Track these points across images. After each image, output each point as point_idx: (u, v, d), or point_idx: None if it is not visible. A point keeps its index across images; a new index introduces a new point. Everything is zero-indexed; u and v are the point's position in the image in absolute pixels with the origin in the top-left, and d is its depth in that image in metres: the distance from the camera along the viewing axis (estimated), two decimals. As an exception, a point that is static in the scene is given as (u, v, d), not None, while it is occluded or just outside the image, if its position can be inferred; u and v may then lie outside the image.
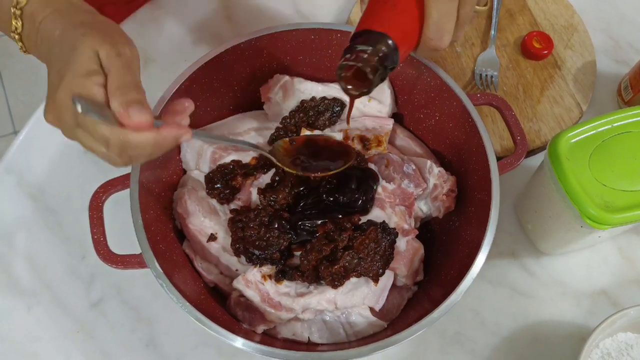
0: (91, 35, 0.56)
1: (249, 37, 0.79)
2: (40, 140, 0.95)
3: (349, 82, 0.65)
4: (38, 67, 0.63)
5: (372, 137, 0.80)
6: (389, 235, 0.73)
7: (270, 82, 0.84)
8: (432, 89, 0.80)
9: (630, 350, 0.76)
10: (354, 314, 0.73)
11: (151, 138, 0.56)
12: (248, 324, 0.71)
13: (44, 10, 0.61)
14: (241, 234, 0.72)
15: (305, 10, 1.05)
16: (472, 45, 0.99)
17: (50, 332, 0.83)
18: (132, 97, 0.54)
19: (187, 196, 0.77)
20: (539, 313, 0.83)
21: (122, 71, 0.56)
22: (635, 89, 0.91)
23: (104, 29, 0.58)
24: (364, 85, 0.64)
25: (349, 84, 0.65)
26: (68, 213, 0.90)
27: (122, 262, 0.69)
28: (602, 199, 0.69)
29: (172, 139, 0.58)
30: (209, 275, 0.75)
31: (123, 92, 0.54)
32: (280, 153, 0.75)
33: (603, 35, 1.03)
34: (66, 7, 0.61)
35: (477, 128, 0.75)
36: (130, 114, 0.53)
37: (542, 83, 0.95)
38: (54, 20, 0.60)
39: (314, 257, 0.70)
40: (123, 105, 0.54)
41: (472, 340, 0.82)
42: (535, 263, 0.86)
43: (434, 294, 0.72)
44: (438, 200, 0.78)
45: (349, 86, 0.65)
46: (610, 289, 0.85)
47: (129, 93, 0.55)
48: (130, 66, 0.57)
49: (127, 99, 0.54)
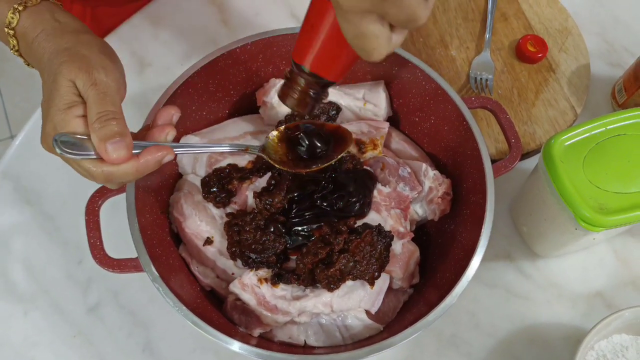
0: (68, 64, 0.58)
1: (244, 41, 0.79)
2: (37, 145, 0.93)
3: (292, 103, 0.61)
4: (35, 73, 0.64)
5: (368, 140, 0.80)
6: (384, 238, 0.73)
7: (266, 86, 0.85)
8: (427, 92, 0.80)
9: (625, 351, 0.76)
10: (350, 317, 0.73)
11: (132, 167, 0.58)
12: (244, 327, 0.71)
13: (33, 30, 0.62)
14: (237, 238, 0.72)
15: (301, 14, 1.05)
16: (467, 48, 0.99)
17: (47, 337, 0.83)
18: (109, 131, 0.56)
19: (184, 200, 0.77)
20: (534, 315, 0.84)
21: (98, 101, 0.57)
22: (629, 91, 0.91)
23: (83, 54, 0.59)
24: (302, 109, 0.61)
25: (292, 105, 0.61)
26: (64, 218, 0.90)
27: (119, 266, 0.69)
28: (596, 201, 0.70)
29: (154, 163, 0.60)
30: (205, 279, 0.75)
31: (101, 124, 0.56)
32: (272, 149, 0.73)
33: (597, 39, 1.04)
34: (52, 28, 0.63)
35: (472, 131, 0.75)
36: (108, 151, 0.56)
37: (536, 86, 0.96)
38: (42, 42, 0.62)
39: (310, 261, 0.70)
40: (102, 140, 0.56)
41: (468, 342, 0.82)
42: (531, 265, 0.87)
43: (430, 296, 0.72)
44: (433, 203, 0.79)
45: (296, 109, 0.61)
46: (606, 291, 0.85)
47: (106, 126, 0.56)
48: (106, 94, 0.58)
49: (104, 133, 0.56)
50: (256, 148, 0.72)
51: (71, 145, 0.56)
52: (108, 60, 0.61)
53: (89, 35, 0.63)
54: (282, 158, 0.72)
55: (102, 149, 0.56)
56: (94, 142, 0.56)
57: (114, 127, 0.56)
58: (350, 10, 0.44)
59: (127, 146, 0.56)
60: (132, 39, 1.02)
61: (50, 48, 0.61)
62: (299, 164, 0.72)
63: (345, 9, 0.44)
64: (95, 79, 0.57)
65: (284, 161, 0.72)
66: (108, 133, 0.56)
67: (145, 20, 1.04)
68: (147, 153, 0.59)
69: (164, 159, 0.60)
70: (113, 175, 0.58)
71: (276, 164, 0.71)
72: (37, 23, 0.63)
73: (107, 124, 0.56)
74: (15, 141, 0.95)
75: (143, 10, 1.05)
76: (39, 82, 0.63)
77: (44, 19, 0.63)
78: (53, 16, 0.63)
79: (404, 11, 0.43)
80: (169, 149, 0.60)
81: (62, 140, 0.56)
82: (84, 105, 0.57)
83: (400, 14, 0.44)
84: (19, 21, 0.63)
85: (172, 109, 0.65)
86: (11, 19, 0.63)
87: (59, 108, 0.57)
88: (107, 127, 0.56)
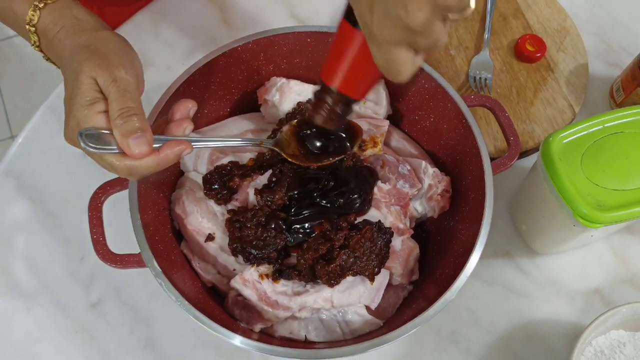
0: (89, 61, 0.60)
1: (245, 40, 0.80)
2: (39, 143, 0.96)
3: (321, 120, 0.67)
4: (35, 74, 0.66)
5: (368, 138, 0.81)
6: (384, 235, 0.73)
7: (266, 84, 0.85)
8: (427, 91, 0.81)
9: (622, 347, 0.76)
10: (350, 312, 0.74)
11: (153, 161, 0.60)
12: (245, 322, 0.72)
13: (53, 27, 0.64)
14: (238, 234, 0.73)
15: (301, 14, 1.07)
16: (466, 48, 1.00)
17: (50, 333, 0.84)
18: (130, 127, 0.58)
19: (185, 197, 0.78)
20: (533, 312, 0.84)
21: (119, 97, 0.59)
22: (626, 91, 0.92)
23: (102, 52, 0.61)
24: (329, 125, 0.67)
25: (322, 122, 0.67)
26: (67, 215, 0.91)
27: (121, 261, 0.70)
28: (594, 198, 0.70)
29: (174, 157, 0.62)
30: (206, 275, 0.76)
31: (122, 120, 0.58)
32: (285, 144, 0.75)
33: (595, 39, 1.04)
34: (72, 24, 0.65)
35: (471, 129, 0.76)
36: (130, 146, 0.58)
37: (535, 85, 0.97)
38: (63, 39, 0.64)
39: (311, 256, 0.71)
40: (124, 136, 0.58)
41: (468, 338, 0.83)
42: (530, 263, 0.87)
43: (429, 292, 0.73)
44: (433, 200, 0.79)
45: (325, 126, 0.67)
46: (604, 288, 0.86)
47: (128, 122, 0.58)
48: (127, 90, 0.60)
49: (126, 129, 0.58)
50: (269, 142, 0.75)
51: (95, 140, 0.58)
52: (126, 57, 0.63)
53: (107, 32, 0.65)
54: (294, 152, 0.75)
55: (125, 144, 0.58)
56: (116, 137, 0.58)
57: (135, 122, 0.58)
58: (384, 42, 0.49)
59: (148, 142, 0.59)
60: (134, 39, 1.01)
61: (70, 45, 0.63)
62: (310, 158, 0.75)
63: (380, 41, 0.50)
64: (116, 76, 0.59)
65: (296, 155, 0.75)
66: (130, 129, 0.58)
67: (146, 20, 1.05)
68: (167, 147, 0.61)
69: (183, 153, 0.62)
70: (135, 169, 0.60)
71: (289, 158, 0.74)
72: (57, 20, 0.64)
73: (129, 120, 0.58)
74: (18, 139, 0.96)
75: (145, 10, 1.06)
76: (39, 83, 0.64)
77: (63, 15, 0.65)
78: (72, 13, 0.65)
79: (431, 40, 0.48)
80: (187, 144, 0.63)
81: (86, 135, 0.58)
82: (105, 102, 0.59)
83: (428, 42, 0.49)
84: (39, 18, 0.65)
85: (189, 103, 0.67)
86: (32, 16, 0.65)
87: (82, 104, 0.59)
88: (128, 123, 0.58)
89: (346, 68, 0.59)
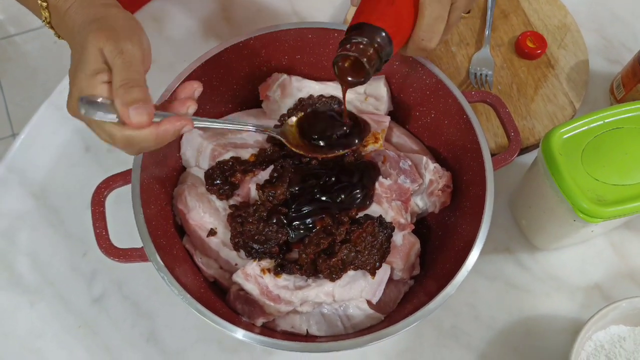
0: (97, 32, 0.59)
1: (247, 36, 0.80)
2: (42, 139, 0.96)
3: (345, 73, 0.67)
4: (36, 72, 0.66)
5: (369, 134, 0.81)
6: (385, 229, 0.74)
7: (268, 80, 0.86)
8: (428, 87, 0.81)
9: (622, 342, 0.77)
10: (352, 306, 0.74)
11: (152, 134, 0.60)
12: (247, 316, 0.72)
13: (65, 3, 0.64)
14: (240, 229, 0.74)
15: (303, 10, 1.07)
16: (467, 44, 1.00)
17: (52, 328, 0.84)
18: (132, 97, 0.57)
19: (187, 192, 0.78)
20: (533, 307, 0.85)
21: (123, 69, 0.58)
22: (627, 87, 0.93)
23: (111, 25, 0.61)
24: (360, 75, 0.66)
25: (345, 74, 0.67)
26: (69, 211, 0.91)
27: (124, 255, 0.70)
28: (594, 193, 0.71)
29: (173, 132, 0.61)
30: (208, 270, 0.76)
31: (125, 90, 0.58)
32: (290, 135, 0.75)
33: (596, 35, 1.05)
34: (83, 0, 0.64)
35: (472, 125, 0.76)
36: (130, 115, 0.57)
37: (535, 82, 0.97)
38: (73, 15, 0.64)
39: (312, 251, 0.71)
40: (124, 105, 0.57)
41: (468, 333, 0.83)
42: (530, 258, 0.88)
43: (430, 287, 0.73)
44: (434, 196, 0.80)
45: (347, 77, 0.67)
46: (604, 283, 0.86)
47: (130, 92, 0.58)
48: (132, 63, 0.59)
49: (127, 99, 0.57)
50: (275, 131, 0.74)
51: (95, 109, 0.58)
52: (135, 33, 0.62)
53: (117, 9, 0.65)
54: (299, 143, 0.74)
55: (125, 113, 0.57)
56: (117, 106, 0.58)
57: (137, 93, 0.58)
58: None
59: (148, 113, 0.58)
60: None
61: (79, 20, 0.63)
62: (316, 149, 0.74)
63: None
64: (122, 48, 0.59)
65: (300, 145, 0.74)
66: (131, 98, 0.57)
67: (148, 17, 1.05)
68: (167, 122, 0.61)
69: (183, 129, 0.62)
70: (133, 139, 0.60)
71: (293, 148, 0.73)
72: None
73: (131, 90, 0.57)
74: (21, 135, 0.96)
75: (147, 7, 1.06)
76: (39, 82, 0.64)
77: None
78: None
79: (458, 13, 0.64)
80: (188, 120, 0.62)
81: (87, 102, 0.58)
82: (109, 73, 0.59)
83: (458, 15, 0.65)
84: None
85: (195, 84, 0.66)
86: None
87: (86, 74, 0.59)
88: (130, 93, 0.57)
89: (395, 13, 0.63)
